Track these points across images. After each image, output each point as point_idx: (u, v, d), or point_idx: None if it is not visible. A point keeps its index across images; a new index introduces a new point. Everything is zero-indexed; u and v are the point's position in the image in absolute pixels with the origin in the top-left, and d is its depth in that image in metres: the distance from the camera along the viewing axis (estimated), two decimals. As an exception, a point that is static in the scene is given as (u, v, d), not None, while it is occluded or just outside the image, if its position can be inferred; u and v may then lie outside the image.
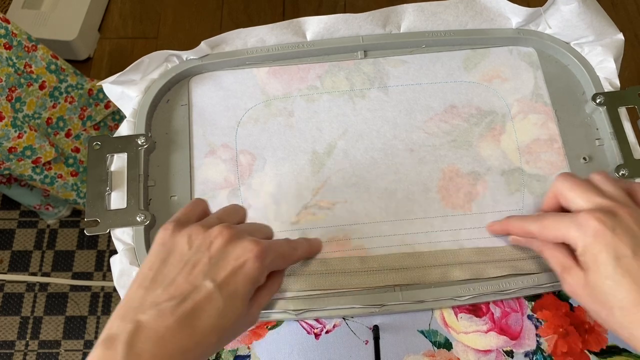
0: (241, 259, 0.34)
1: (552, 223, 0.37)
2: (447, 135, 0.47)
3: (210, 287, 0.33)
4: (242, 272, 0.34)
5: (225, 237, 0.35)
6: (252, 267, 0.34)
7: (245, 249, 0.34)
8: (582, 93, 0.48)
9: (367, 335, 0.42)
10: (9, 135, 0.80)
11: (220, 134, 0.47)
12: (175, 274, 0.33)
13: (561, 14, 0.47)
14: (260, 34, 0.48)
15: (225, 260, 0.34)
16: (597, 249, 0.34)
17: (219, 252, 0.34)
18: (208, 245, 0.34)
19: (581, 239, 0.35)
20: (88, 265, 1.16)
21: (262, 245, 0.35)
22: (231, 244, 0.35)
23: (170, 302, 0.32)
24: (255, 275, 0.34)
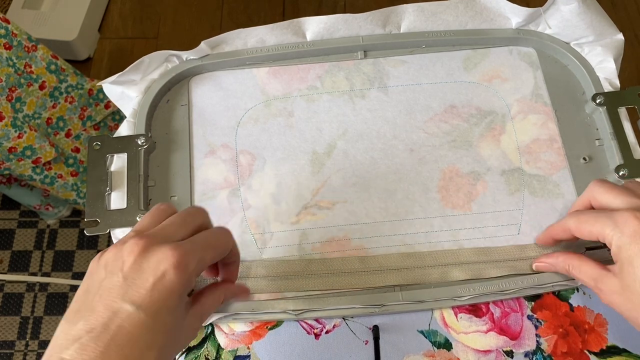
0: (159, 270, 0.31)
1: (589, 218, 0.36)
2: (447, 136, 0.47)
3: (129, 310, 0.30)
4: (163, 285, 0.31)
5: (137, 250, 0.32)
6: (173, 276, 0.31)
7: (162, 259, 0.31)
8: (582, 93, 0.48)
9: (367, 336, 0.42)
10: (9, 135, 0.80)
11: (220, 134, 0.47)
12: (95, 303, 0.31)
13: (561, 14, 0.47)
14: (260, 34, 0.48)
15: (142, 277, 0.31)
16: (634, 249, 0.33)
17: (134, 269, 0.31)
18: (121, 265, 0.32)
19: (617, 238, 0.34)
20: (88, 265, 1.16)
21: (181, 249, 0.32)
22: (145, 256, 0.32)
23: (91, 333, 0.30)
24: (179, 284, 0.32)
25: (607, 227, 0.35)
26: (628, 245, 0.33)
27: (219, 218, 0.44)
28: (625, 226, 0.34)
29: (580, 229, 0.37)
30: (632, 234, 0.33)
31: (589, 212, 0.37)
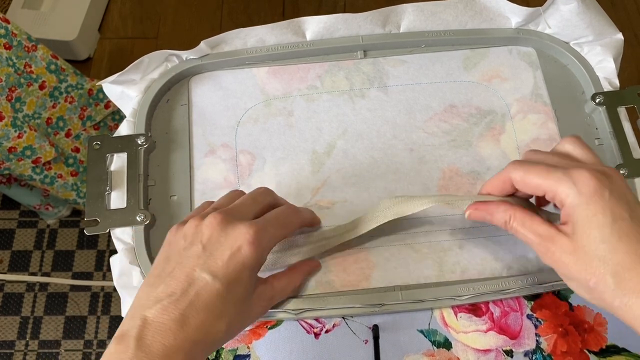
0: (236, 245, 0.34)
1: (541, 170, 0.33)
2: (447, 135, 0.47)
3: (207, 279, 0.33)
4: (238, 258, 0.34)
5: (216, 224, 0.35)
6: (248, 251, 0.34)
7: (239, 235, 0.34)
8: (582, 93, 0.48)
9: (366, 335, 0.42)
10: (9, 135, 0.80)
11: (220, 134, 0.47)
12: (174, 269, 0.34)
13: (560, 14, 0.47)
14: (260, 34, 0.48)
15: (220, 250, 0.34)
16: (592, 210, 0.31)
17: (213, 241, 0.35)
18: (200, 237, 0.35)
19: (573, 196, 0.32)
20: (88, 265, 1.16)
21: (256, 226, 0.35)
22: (224, 230, 0.35)
23: (172, 297, 0.33)
24: (253, 259, 0.35)
25: (563, 183, 0.32)
26: (585, 205, 0.31)
27: (219, 217, 0.44)
28: (584, 185, 0.31)
29: (526, 181, 0.34)
30: (590, 194, 0.31)
31: (538, 164, 0.34)
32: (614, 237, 0.31)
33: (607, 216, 0.31)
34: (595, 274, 0.31)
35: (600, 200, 0.31)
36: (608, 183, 0.32)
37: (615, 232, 0.31)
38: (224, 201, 0.39)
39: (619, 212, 0.31)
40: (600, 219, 0.31)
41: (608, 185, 0.31)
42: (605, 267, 0.31)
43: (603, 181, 0.31)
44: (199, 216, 0.36)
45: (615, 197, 0.31)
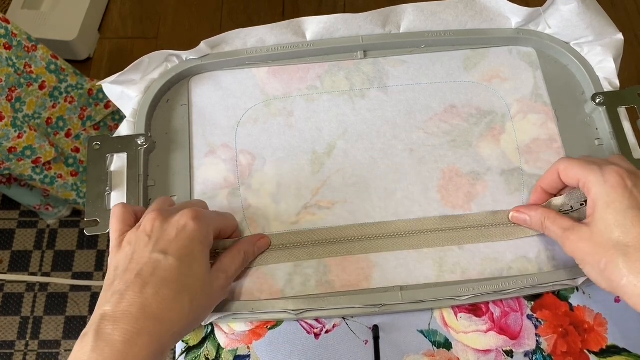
0: (180, 223, 0.36)
1: (580, 162, 0.38)
2: (447, 135, 0.47)
3: (159, 257, 0.34)
4: (186, 233, 0.36)
5: (156, 216, 0.37)
6: (193, 225, 0.36)
7: (182, 216, 0.36)
8: (582, 93, 0.48)
9: (366, 335, 0.42)
10: (9, 135, 0.80)
11: (220, 134, 0.47)
12: (126, 265, 0.35)
13: (561, 14, 0.47)
14: (260, 34, 0.48)
15: (166, 232, 0.36)
16: (612, 197, 0.35)
17: (157, 229, 0.36)
18: (143, 232, 0.36)
19: (600, 185, 0.35)
20: (88, 265, 1.16)
21: (194, 209, 0.37)
22: (165, 219, 0.37)
23: (127, 285, 0.33)
24: (199, 232, 0.36)
25: (594, 174, 0.36)
26: (607, 194, 0.35)
27: (219, 218, 0.44)
28: (610, 177, 0.35)
29: (567, 171, 0.38)
30: (614, 185, 0.35)
31: (579, 158, 0.39)
32: (627, 222, 0.34)
33: (624, 204, 0.34)
34: (606, 254, 0.34)
35: (621, 190, 0.35)
36: (633, 179, 0.35)
37: (629, 218, 0.34)
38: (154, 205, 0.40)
39: (636, 202, 0.34)
40: (618, 206, 0.34)
41: (633, 180, 0.35)
42: (616, 249, 0.34)
43: (629, 177, 0.35)
44: (138, 226, 0.37)
45: (637, 190, 0.35)
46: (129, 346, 0.31)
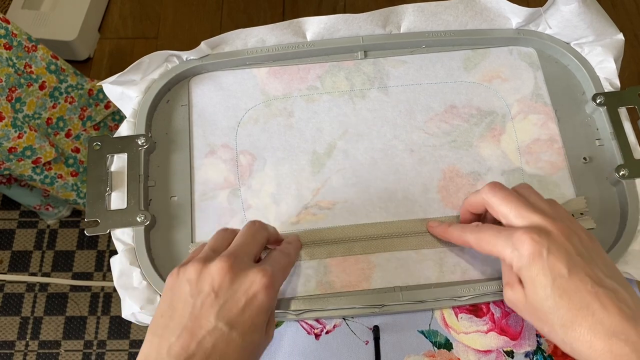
0: (251, 291, 0.34)
1: (489, 238, 0.36)
2: (447, 136, 0.47)
3: (223, 329, 0.32)
4: (254, 305, 0.34)
5: (227, 269, 0.34)
6: (265, 297, 0.34)
7: (254, 281, 0.34)
8: (582, 93, 0.48)
9: (367, 336, 0.42)
10: (9, 135, 0.80)
11: (220, 134, 0.47)
12: (186, 319, 0.33)
13: (561, 14, 0.47)
14: (260, 34, 0.48)
15: (234, 297, 0.33)
16: (534, 271, 0.34)
17: (225, 288, 0.34)
18: (211, 282, 0.34)
19: (517, 259, 0.34)
20: (88, 265, 1.16)
21: (268, 271, 0.35)
22: (237, 276, 0.34)
23: (187, 350, 0.31)
24: (270, 304, 0.34)
25: (506, 248, 0.35)
26: (528, 267, 0.34)
27: (219, 218, 0.44)
28: (523, 247, 0.34)
29: (480, 246, 0.37)
30: (529, 256, 0.34)
31: (487, 229, 0.37)
32: (555, 295, 0.33)
33: (547, 276, 0.33)
34: (546, 324, 0.34)
35: (539, 261, 0.33)
36: (546, 242, 0.34)
37: (556, 290, 0.33)
38: (219, 242, 0.38)
39: (557, 269, 0.33)
40: (542, 280, 0.33)
41: (546, 244, 0.34)
42: (553, 321, 0.33)
43: (541, 241, 0.34)
44: (201, 260, 0.35)
45: (554, 254, 0.33)
46: None
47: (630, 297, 0.33)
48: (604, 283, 0.33)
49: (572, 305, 0.32)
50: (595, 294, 0.32)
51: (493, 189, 0.38)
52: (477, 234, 0.37)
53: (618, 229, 0.43)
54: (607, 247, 0.43)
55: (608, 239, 0.43)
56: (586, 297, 0.32)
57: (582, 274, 0.33)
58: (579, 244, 0.34)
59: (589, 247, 0.35)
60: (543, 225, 0.35)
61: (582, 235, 0.36)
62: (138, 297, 0.41)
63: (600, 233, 0.43)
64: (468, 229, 0.39)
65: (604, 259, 0.35)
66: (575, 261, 0.33)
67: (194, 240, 0.44)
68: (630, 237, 0.42)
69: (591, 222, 0.43)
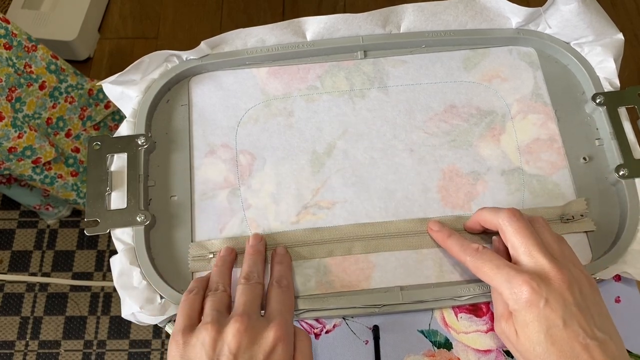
0: (268, 347, 0.34)
1: (488, 270, 0.37)
2: (447, 135, 0.47)
3: None
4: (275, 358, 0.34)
5: (242, 332, 0.34)
6: (283, 350, 0.35)
7: (269, 339, 0.35)
8: (582, 93, 0.48)
9: (367, 335, 0.42)
10: (9, 135, 0.80)
11: (220, 134, 0.47)
12: None
13: (561, 14, 0.47)
14: (260, 34, 0.48)
15: (253, 358, 0.34)
16: (529, 317, 0.34)
17: (243, 350, 0.34)
18: (228, 346, 0.34)
19: (513, 302, 0.35)
20: (88, 265, 1.16)
21: (281, 324, 0.36)
22: (253, 338, 0.35)
23: None
24: (289, 355, 0.35)
25: (505, 288, 0.35)
26: (523, 312, 0.34)
27: (219, 218, 0.44)
28: (521, 293, 0.34)
29: (477, 273, 0.38)
30: (526, 302, 0.34)
31: (488, 260, 0.37)
32: (548, 342, 0.34)
33: (542, 324, 0.34)
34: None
35: (535, 310, 0.34)
36: (545, 292, 0.34)
37: (550, 338, 0.34)
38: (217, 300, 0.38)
39: (553, 319, 0.34)
40: (536, 326, 0.34)
41: (544, 294, 0.34)
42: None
43: (540, 291, 0.34)
44: (214, 323, 0.35)
45: (551, 305, 0.34)
46: None
47: (617, 350, 0.34)
48: (596, 335, 0.34)
49: (562, 354, 0.33)
50: (586, 346, 0.33)
51: (511, 217, 0.38)
52: (476, 261, 0.38)
53: (618, 228, 0.43)
54: (607, 247, 0.43)
55: (608, 238, 0.43)
56: (577, 348, 0.33)
57: (575, 325, 0.33)
58: (578, 293, 0.35)
59: (587, 295, 0.35)
60: (546, 272, 0.35)
61: (583, 282, 0.36)
62: (138, 297, 0.41)
63: (600, 233, 0.43)
64: (468, 251, 0.39)
65: (599, 307, 0.36)
66: (572, 312, 0.34)
67: (193, 240, 0.44)
68: (630, 237, 0.42)
69: (591, 224, 0.43)
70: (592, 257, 0.42)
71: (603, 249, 0.43)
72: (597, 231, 0.43)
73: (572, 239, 0.43)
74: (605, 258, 0.42)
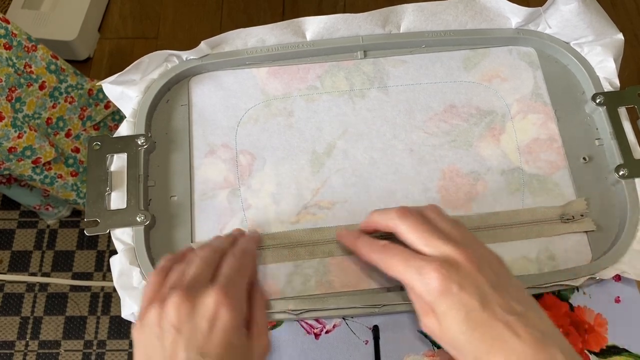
0: (209, 314, 0.33)
1: (397, 265, 0.35)
2: (447, 135, 0.47)
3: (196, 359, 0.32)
4: (219, 326, 0.33)
5: (180, 301, 0.33)
6: (227, 314, 0.33)
7: (209, 302, 0.33)
8: (582, 93, 0.48)
9: (367, 335, 0.42)
10: (9, 135, 0.80)
11: (220, 134, 0.47)
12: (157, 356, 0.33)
13: (561, 14, 0.47)
14: (260, 34, 0.48)
15: (197, 326, 0.33)
16: (445, 306, 0.33)
17: (184, 319, 0.33)
18: (169, 320, 0.33)
19: (427, 293, 0.34)
20: (88, 265, 1.16)
21: (221, 287, 0.34)
22: (191, 304, 0.33)
23: None
24: (233, 318, 0.33)
25: (416, 280, 0.34)
26: (439, 302, 0.33)
27: (219, 218, 0.44)
28: (432, 282, 0.33)
29: (388, 271, 0.36)
30: (439, 291, 0.33)
31: (395, 254, 0.36)
32: (469, 329, 0.32)
33: (460, 311, 0.33)
34: (463, 355, 0.33)
35: (450, 297, 0.33)
36: (456, 276, 0.33)
37: (470, 323, 0.32)
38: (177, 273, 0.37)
39: (469, 303, 0.32)
40: (455, 314, 0.33)
41: (456, 279, 0.33)
42: (468, 352, 0.33)
43: (450, 276, 0.33)
44: (158, 301, 0.34)
45: (465, 289, 0.33)
46: None
47: (539, 319, 0.33)
48: (516, 310, 0.33)
49: (486, 336, 0.32)
50: (507, 323, 0.32)
51: (401, 216, 0.36)
52: (384, 258, 0.36)
53: (617, 228, 0.43)
54: (607, 246, 0.43)
55: (608, 238, 0.43)
56: (498, 327, 0.32)
57: (493, 305, 0.32)
58: (489, 272, 0.34)
59: (499, 272, 0.35)
60: (452, 256, 0.34)
61: (492, 260, 0.35)
62: (138, 297, 0.41)
63: (600, 233, 0.43)
64: (375, 249, 0.37)
65: (513, 282, 0.35)
66: (487, 293, 0.33)
67: (193, 240, 0.44)
68: (629, 237, 0.42)
69: (591, 224, 0.43)
70: (592, 257, 0.42)
71: (603, 248, 0.43)
72: (597, 231, 0.43)
73: (572, 238, 0.43)
74: (605, 258, 0.42)
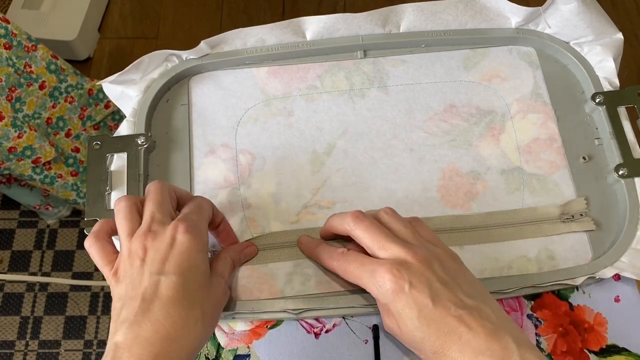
0: (169, 239, 0.35)
1: (354, 271, 0.37)
2: (447, 135, 0.47)
3: (159, 278, 0.34)
4: (178, 248, 0.35)
5: (144, 236, 0.35)
6: (186, 238, 0.35)
7: (168, 231, 0.35)
8: (582, 92, 0.48)
9: (366, 335, 0.42)
10: (9, 135, 0.80)
11: (220, 134, 0.47)
12: (129, 291, 0.34)
13: (560, 14, 0.47)
14: (260, 34, 0.48)
15: (158, 252, 0.35)
16: (399, 306, 0.34)
17: (148, 249, 0.35)
18: (138, 255, 0.35)
19: (382, 296, 0.35)
20: (88, 265, 1.16)
21: (180, 218, 0.36)
22: (156, 236, 0.35)
23: (134, 310, 0.33)
24: (192, 241, 0.35)
25: (372, 284, 0.35)
26: (393, 302, 0.34)
27: (219, 217, 0.44)
28: (385, 283, 0.34)
29: (347, 277, 0.38)
30: (392, 291, 0.34)
31: (352, 261, 0.37)
32: (423, 325, 0.33)
33: (413, 309, 0.34)
34: (421, 351, 0.34)
35: (402, 296, 0.34)
36: (407, 275, 0.34)
37: (424, 320, 0.33)
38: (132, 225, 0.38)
39: (421, 301, 0.33)
40: (409, 313, 0.34)
41: (407, 278, 0.34)
42: (425, 349, 0.34)
43: (401, 276, 0.34)
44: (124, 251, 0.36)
45: (416, 287, 0.34)
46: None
47: (492, 312, 0.34)
48: (467, 304, 0.34)
49: (440, 332, 0.33)
50: (459, 317, 0.33)
51: (355, 220, 0.38)
52: (343, 264, 0.38)
53: (617, 228, 0.43)
54: (607, 246, 0.43)
55: (607, 238, 0.43)
56: (451, 322, 0.33)
57: (445, 301, 0.33)
58: (440, 269, 0.35)
59: (450, 268, 0.35)
60: (403, 257, 0.35)
61: (443, 256, 0.36)
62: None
63: (600, 233, 0.43)
64: (335, 257, 0.39)
65: (465, 277, 0.36)
66: (437, 289, 0.34)
67: (193, 240, 0.44)
68: (629, 236, 0.42)
69: (591, 223, 0.43)
70: (592, 257, 0.43)
71: (603, 248, 0.43)
72: (597, 230, 0.43)
73: (571, 238, 0.43)
74: (605, 257, 0.42)
